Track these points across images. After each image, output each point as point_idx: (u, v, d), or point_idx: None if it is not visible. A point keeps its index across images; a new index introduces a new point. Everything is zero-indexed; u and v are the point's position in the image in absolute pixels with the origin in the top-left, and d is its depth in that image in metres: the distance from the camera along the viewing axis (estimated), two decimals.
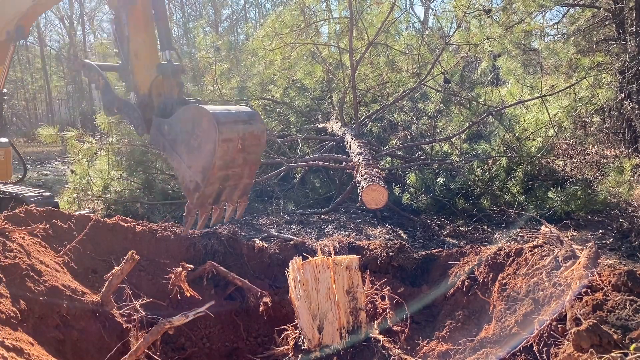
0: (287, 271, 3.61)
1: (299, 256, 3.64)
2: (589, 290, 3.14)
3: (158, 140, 3.57)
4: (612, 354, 2.59)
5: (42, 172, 15.53)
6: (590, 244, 3.60)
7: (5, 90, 4.94)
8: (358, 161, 7.33)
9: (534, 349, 3.19)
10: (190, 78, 10.68)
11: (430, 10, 18.11)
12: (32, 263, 3.61)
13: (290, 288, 3.56)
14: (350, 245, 5.14)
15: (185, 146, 3.43)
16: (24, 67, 33.07)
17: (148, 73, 3.64)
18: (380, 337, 3.65)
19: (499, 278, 4.06)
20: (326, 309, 3.53)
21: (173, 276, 3.60)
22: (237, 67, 11.30)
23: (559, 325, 3.11)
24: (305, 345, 3.50)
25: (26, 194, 6.49)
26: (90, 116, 20.04)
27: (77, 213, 4.78)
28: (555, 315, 3.17)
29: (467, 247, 4.87)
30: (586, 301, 3.03)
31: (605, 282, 3.18)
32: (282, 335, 3.78)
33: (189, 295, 3.77)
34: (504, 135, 8.66)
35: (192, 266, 3.74)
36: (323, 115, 10.98)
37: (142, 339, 3.21)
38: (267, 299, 4.23)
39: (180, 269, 3.66)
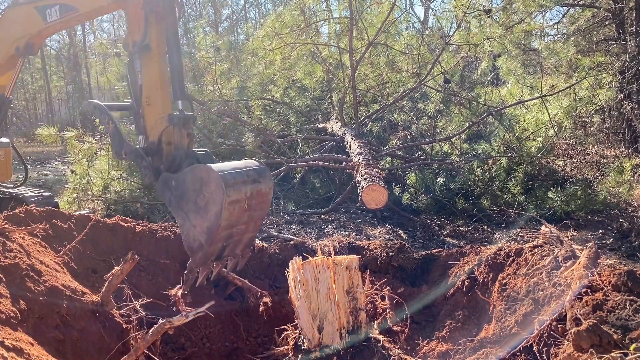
0: (287, 271, 3.61)
1: (299, 256, 3.64)
2: (589, 290, 3.14)
3: (164, 195, 3.54)
4: (612, 354, 2.59)
5: (42, 172, 15.53)
6: (590, 244, 3.60)
7: (11, 97, 4.94)
8: (358, 161, 7.33)
9: (534, 349, 3.19)
10: (190, 78, 10.68)
11: (430, 10, 18.12)
12: (32, 263, 3.61)
13: (290, 288, 3.56)
14: (350, 245, 5.14)
15: (192, 205, 3.40)
16: (24, 67, 33.05)
17: (159, 121, 3.59)
18: (380, 337, 3.65)
19: (499, 278, 4.06)
20: (326, 309, 3.53)
21: (173, 292, 3.63)
22: (237, 67, 11.30)
23: (559, 325, 3.11)
24: (305, 345, 3.49)
25: (26, 194, 6.49)
26: (90, 116, 20.03)
27: (77, 213, 4.78)
28: (555, 315, 3.17)
29: (467, 247, 4.87)
30: (586, 301, 3.03)
31: (605, 282, 3.18)
32: (282, 335, 3.78)
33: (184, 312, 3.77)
34: (504, 135, 8.66)
35: (187, 292, 3.74)
36: (323, 115, 10.98)
37: (142, 339, 3.20)
38: (267, 299, 4.24)
39: (179, 291, 3.67)
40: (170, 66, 3.67)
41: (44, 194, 6.82)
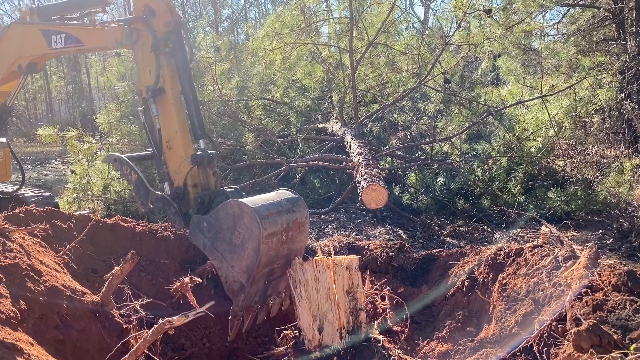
0: (289, 271, 3.61)
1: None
2: (589, 291, 3.14)
3: (198, 238, 3.39)
4: (612, 354, 2.59)
5: (42, 172, 15.53)
6: (590, 244, 3.60)
7: (13, 106, 4.90)
8: (358, 161, 7.33)
9: (534, 349, 3.19)
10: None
11: (430, 11, 18.12)
12: (32, 263, 3.60)
13: (291, 288, 3.56)
14: (350, 245, 5.14)
15: (227, 244, 3.27)
16: None
17: (182, 164, 3.49)
18: (381, 337, 3.66)
19: (499, 278, 4.06)
20: (326, 309, 3.53)
21: (179, 284, 3.56)
22: (237, 67, 11.30)
23: (559, 326, 3.11)
24: (305, 345, 3.49)
25: (26, 194, 6.49)
26: (90, 116, 20.05)
27: (77, 213, 4.78)
28: (555, 316, 3.17)
29: (467, 247, 4.87)
30: (586, 301, 3.02)
31: (605, 282, 3.18)
32: (282, 335, 3.78)
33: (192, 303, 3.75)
34: (504, 136, 8.66)
35: (200, 280, 3.67)
36: (323, 115, 10.98)
37: (142, 339, 3.20)
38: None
39: (187, 279, 3.61)
40: (187, 104, 3.56)
41: (44, 194, 6.81)
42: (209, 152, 3.56)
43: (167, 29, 3.43)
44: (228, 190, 3.61)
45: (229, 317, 3.44)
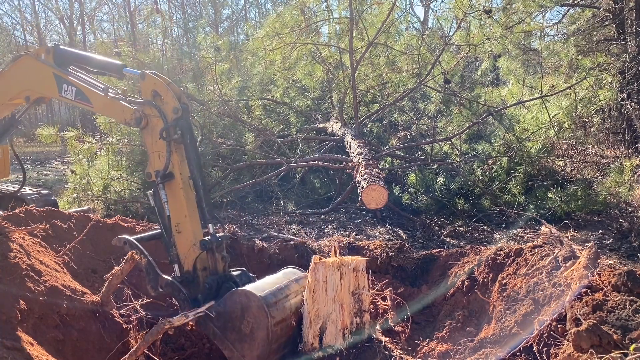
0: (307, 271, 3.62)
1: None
2: (589, 291, 3.14)
3: (207, 327, 3.39)
4: (612, 354, 2.59)
5: (42, 172, 15.53)
6: (590, 244, 3.60)
7: (20, 119, 4.85)
8: (358, 161, 7.33)
9: (534, 349, 3.19)
10: (191, 78, 10.68)
11: (430, 11, 18.10)
12: (32, 263, 3.61)
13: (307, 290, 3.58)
14: (350, 245, 5.14)
15: (237, 333, 3.28)
16: None
17: (191, 249, 3.50)
18: (383, 337, 3.66)
19: (499, 278, 4.06)
20: (331, 310, 3.54)
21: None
22: (238, 67, 11.30)
23: (559, 326, 3.11)
24: (300, 347, 3.51)
25: (24, 192, 6.50)
26: (90, 116, 20.02)
27: (73, 209, 4.77)
28: (555, 316, 3.18)
29: (467, 248, 4.87)
30: (586, 301, 3.03)
31: (605, 282, 3.18)
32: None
33: None
34: (504, 136, 8.66)
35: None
36: (323, 115, 10.98)
37: (142, 339, 3.20)
38: None
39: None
40: (195, 189, 3.55)
41: (42, 192, 6.82)
42: (218, 235, 3.55)
43: (176, 115, 3.44)
44: (235, 273, 3.61)
45: None
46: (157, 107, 3.46)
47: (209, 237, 3.50)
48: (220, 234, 3.60)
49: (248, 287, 3.36)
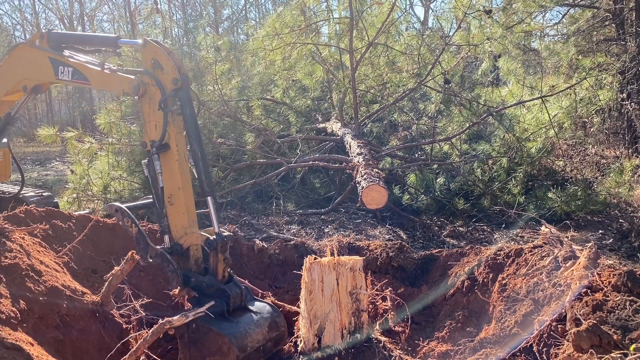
0: (301, 272, 3.61)
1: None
2: (589, 291, 3.14)
3: (179, 328, 3.38)
4: (612, 355, 2.59)
5: (42, 172, 15.53)
6: (590, 244, 3.60)
7: (17, 116, 4.84)
8: (358, 161, 7.33)
9: (534, 349, 3.19)
10: (191, 78, 10.67)
11: (430, 11, 18.08)
12: (32, 263, 3.61)
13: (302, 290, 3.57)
14: (350, 245, 5.14)
15: (200, 357, 3.32)
16: None
17: (183, 221, 3.48)
18: (382, 338, 3.66)
19: (499, 278, 4.06)
20: (329, 310, 3.54)
21: (176, 291, 3.56)
22: (238, 67, 11.29)
23: (559, 326, 3.11)
24: (298, 346, 3.51)
25: (26, 194, 6.49)
26: (90, 116, 20.03)
27: (76, 213, 4.78)
28: (555, 316, 3.18)
29: (467, 248, 4.87)
30: (586, 301, 3.03)
31: (605, 282, 3.18)
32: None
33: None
34: (504, 136, 8.66)
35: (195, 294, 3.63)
36: (323, 115, 10.98)
37: (142, 339, 3.20)
38: (267, 300, 4.23)
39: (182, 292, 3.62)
40: (195, 162, 3.52)
41: (43, 194, 6.82)
42: (223, 234, 3.52)
43: (175, 86, 3.40)
44: (232, 291, 3.53)
45: None
46: (154, 78, 3.41)
47: (214, 236, 3.45)
48: (226, 233, 3.56)
49: (234, 337, 3.31)
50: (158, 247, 3.52)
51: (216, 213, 3.57)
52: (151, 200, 3.63)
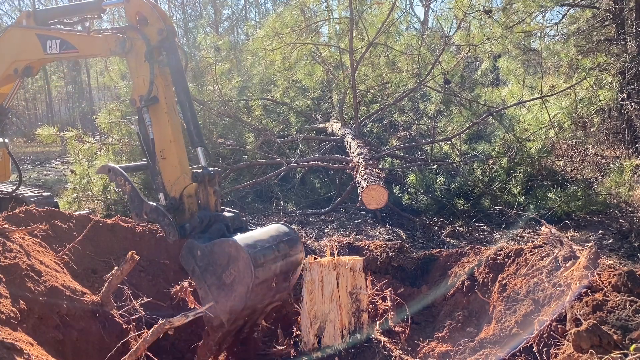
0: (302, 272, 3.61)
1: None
2: (589, 291, 3.14)
3: (189, 262, 3.36)
4: (612, 355, 2.59)
5: (42, 172, 15.52)
6: (590, 244, 3.60)
7: (9, 108, 4.85)
8: (358, 161, 7.33)
9: (534, 349, 3.19)
10: (191, 78, 10.68)
11: (430, 11, 18.07)
12: (32, 263, 3.60)
13: (303, 290, 3.57)
14: (350, 245, 5.14)
15: (216, 279, 3.23)
16: None
17: (180, 178, 3.45)
18: (382, 338, 3.66)
19: (499, 278, 4.06)
20: (329, 310, 3.54)
21: (178, 287, 3.54)
22: (238, 67, 11.30)
23: (559, 326, 3.11)
24: (300, 347, 3.51)
25: (26, 194, 6.48)
26: (90, 116, 20.04)
27: (76, 213, 4.77)
28: (555, 316, 3.18)
29: (467, 248, 4.87)
30: (586, 302, 3.02)
31: (605, 282, 3.18)
32: (279, 334, 3.79)
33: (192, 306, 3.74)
34: (504, 136, 8.66)
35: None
36: (323, 115, 10.98)
37: (142, 339, 3.20)
38: None
39: (186, 283, 3.60)
40: (183, 112, 3.51)
41: (43, 194, 6.81)
42: (210, 169, 3.49)
43: (160, 37, 3.39)
44: (228, 215, 3.53)
45: (200, 346, 3.41)
46: (139, 31, 3.40)
47: (201, 170, 3.43)
48: (212, 168, 3.53)
49: (239, 238, 3.24)
50: (152, 203, 3.49)
51: (207, 164, 3.56)
52: (144, 162, 3.61)
